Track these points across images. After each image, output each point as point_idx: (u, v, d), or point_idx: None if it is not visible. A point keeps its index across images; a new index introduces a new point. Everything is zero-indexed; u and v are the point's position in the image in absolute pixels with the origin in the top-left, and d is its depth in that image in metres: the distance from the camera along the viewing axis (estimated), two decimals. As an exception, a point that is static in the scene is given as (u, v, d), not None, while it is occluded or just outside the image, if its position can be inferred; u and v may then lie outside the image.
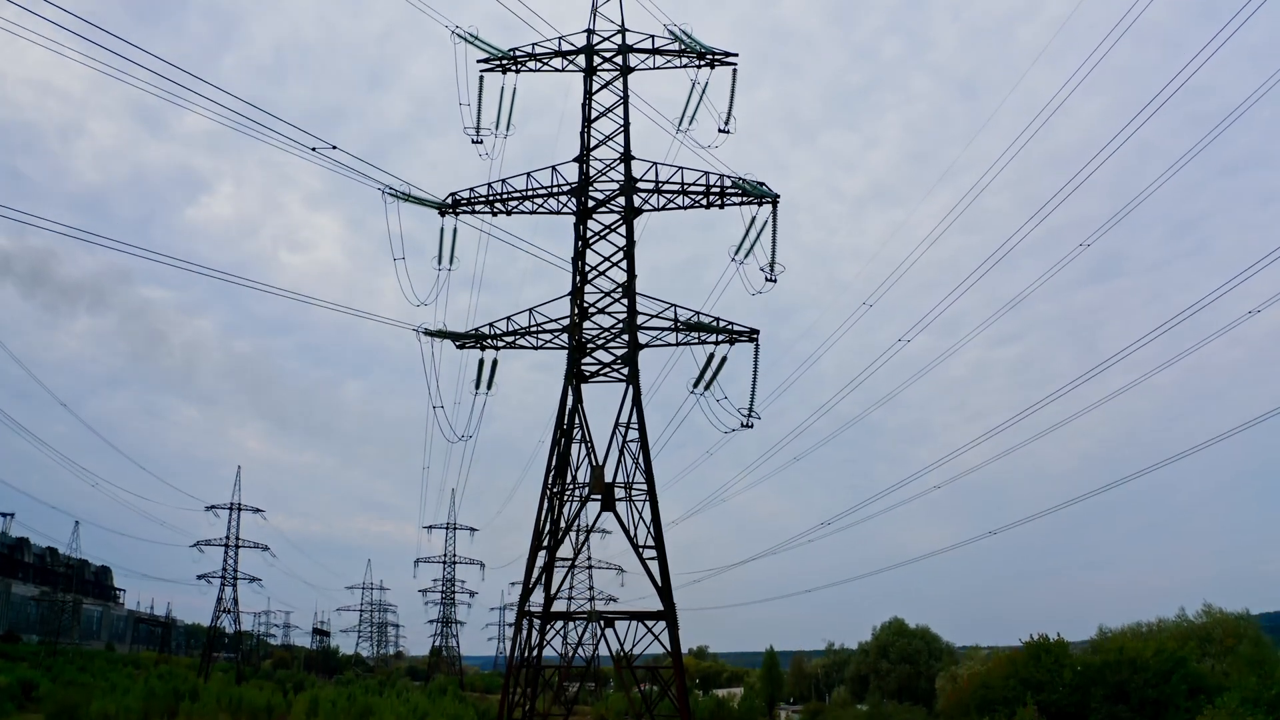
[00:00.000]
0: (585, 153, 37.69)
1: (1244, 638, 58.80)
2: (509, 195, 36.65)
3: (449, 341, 35.74)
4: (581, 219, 36.73)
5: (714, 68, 38.81)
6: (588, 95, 38.44)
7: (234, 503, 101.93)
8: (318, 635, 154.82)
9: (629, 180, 36.96)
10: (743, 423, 35.00)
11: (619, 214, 36.87)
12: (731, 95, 38.55)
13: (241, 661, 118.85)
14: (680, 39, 37.51)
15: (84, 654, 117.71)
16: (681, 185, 36.68)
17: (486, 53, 38.02)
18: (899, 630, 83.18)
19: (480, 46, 37.60)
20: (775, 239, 36.17)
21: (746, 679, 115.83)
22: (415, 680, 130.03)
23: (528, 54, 38.72)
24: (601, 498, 33.93)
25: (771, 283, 35.98)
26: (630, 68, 39.11)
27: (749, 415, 34.88)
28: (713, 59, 38.59)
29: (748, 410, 34.82)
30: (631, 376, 34.62)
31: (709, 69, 38.83)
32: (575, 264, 36.25)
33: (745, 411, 34.86)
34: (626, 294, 35.42)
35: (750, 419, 34.87)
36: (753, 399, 34.87)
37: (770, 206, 36.38)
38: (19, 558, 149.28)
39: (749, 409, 34.81)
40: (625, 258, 36.14)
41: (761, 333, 35.60)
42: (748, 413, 34.88)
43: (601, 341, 35.27)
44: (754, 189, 35.62)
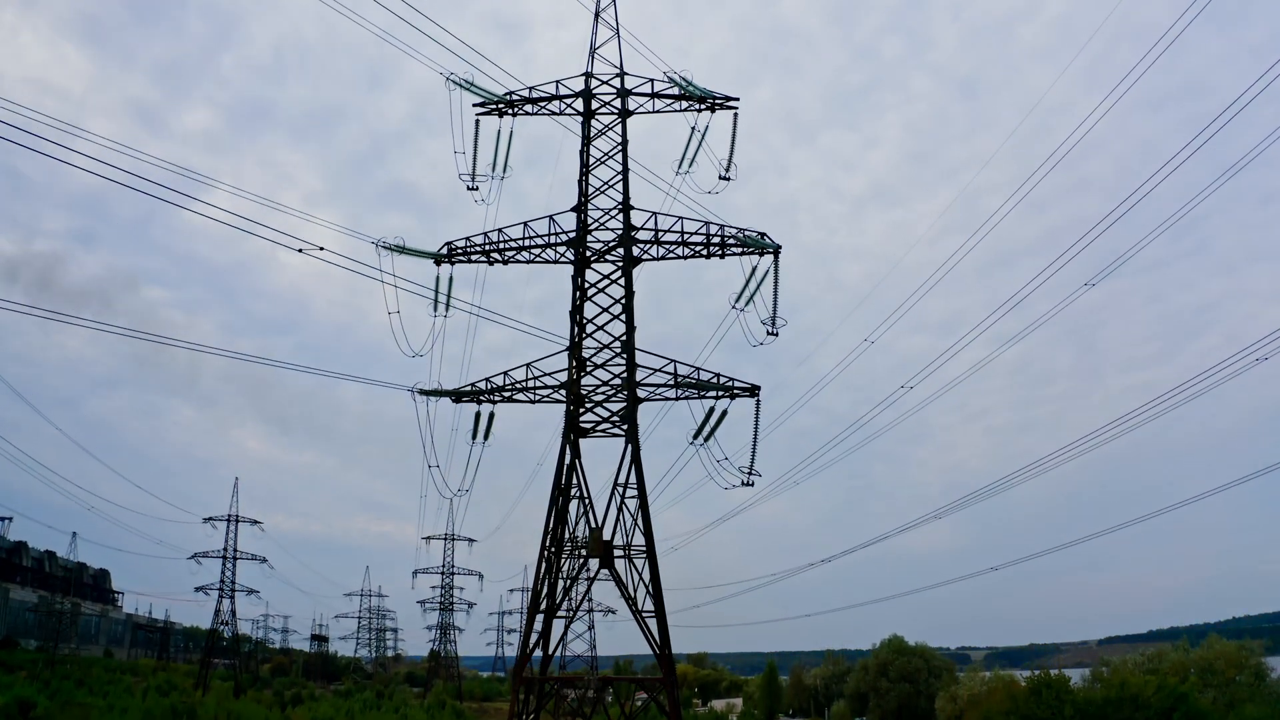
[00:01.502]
0: (583, 200, 37.01)
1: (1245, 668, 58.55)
2: (505, 245, 36.01)
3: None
4: (579, 270, 36.08)
5: (714, 111, 38.12)
6: (585, 142, 37.74)
7: (231, 514, 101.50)
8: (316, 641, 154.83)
9: (628, 231, 36.31)
10: (743, 481, 34.48)
11: (617, 264, 36.23)
12: (733, 141, 37.89)
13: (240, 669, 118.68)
14: (680, 85, 36.80)
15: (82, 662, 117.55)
16: (681, 235, 36.05)
17: (482, 97, 37.29)
18: (899, 649, 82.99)
19: (476, 92, 36.86)
20: (777, 291, 35.58)
21: (745, 688, 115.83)
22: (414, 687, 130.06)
23: (524, 98, 37.99)
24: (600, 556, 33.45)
25: (773, 336, 35.40)
26: (629, 111, 38.40)
27: (749, 473, 34.35)
28: (713, 103, 37.89)
29: (748, 469, 34.29)
30: (630, 434, 34.05)
31: (709, 113, 38.15)
32: (573, 317, 35.61)
33: (746, 470, 34.33)
34: (626, 349, 34.81)
35: (751, 478, 34.35)
36: (753, 457, 34.34)
37: (771, 257, 35.79)
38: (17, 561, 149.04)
39: (749, 468, 34.27)
40: (624, 311, 35.51)
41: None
42: (748, 471, 34.34)
43: (600, 397, 34.68)
44: (755, 241, 35.00)
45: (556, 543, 33.25)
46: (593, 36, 39.08)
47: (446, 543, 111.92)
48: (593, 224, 36.80)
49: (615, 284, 36.10)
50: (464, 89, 36.31)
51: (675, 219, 36.05)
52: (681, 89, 36.99)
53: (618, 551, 33.69)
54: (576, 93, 38.17)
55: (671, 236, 36.02)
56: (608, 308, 35.92)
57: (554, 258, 36.45)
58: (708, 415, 35.73)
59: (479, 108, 37.74)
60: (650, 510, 33.77)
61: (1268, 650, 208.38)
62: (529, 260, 36.57)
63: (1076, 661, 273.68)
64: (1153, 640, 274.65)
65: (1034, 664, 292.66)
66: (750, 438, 35.17)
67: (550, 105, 38.21)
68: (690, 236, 35.86)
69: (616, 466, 33.98)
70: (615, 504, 33.96)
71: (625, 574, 34.05)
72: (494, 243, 36.41)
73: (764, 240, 35.18)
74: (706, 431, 35.99)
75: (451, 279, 36.80)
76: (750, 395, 34.70)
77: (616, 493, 33.81)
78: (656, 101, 38.07)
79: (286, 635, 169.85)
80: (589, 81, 38.26)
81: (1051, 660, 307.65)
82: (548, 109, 38.30)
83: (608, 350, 35.57)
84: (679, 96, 37.70)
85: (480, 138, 37.83)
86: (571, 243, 36.11)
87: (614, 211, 36.97)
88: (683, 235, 36.00)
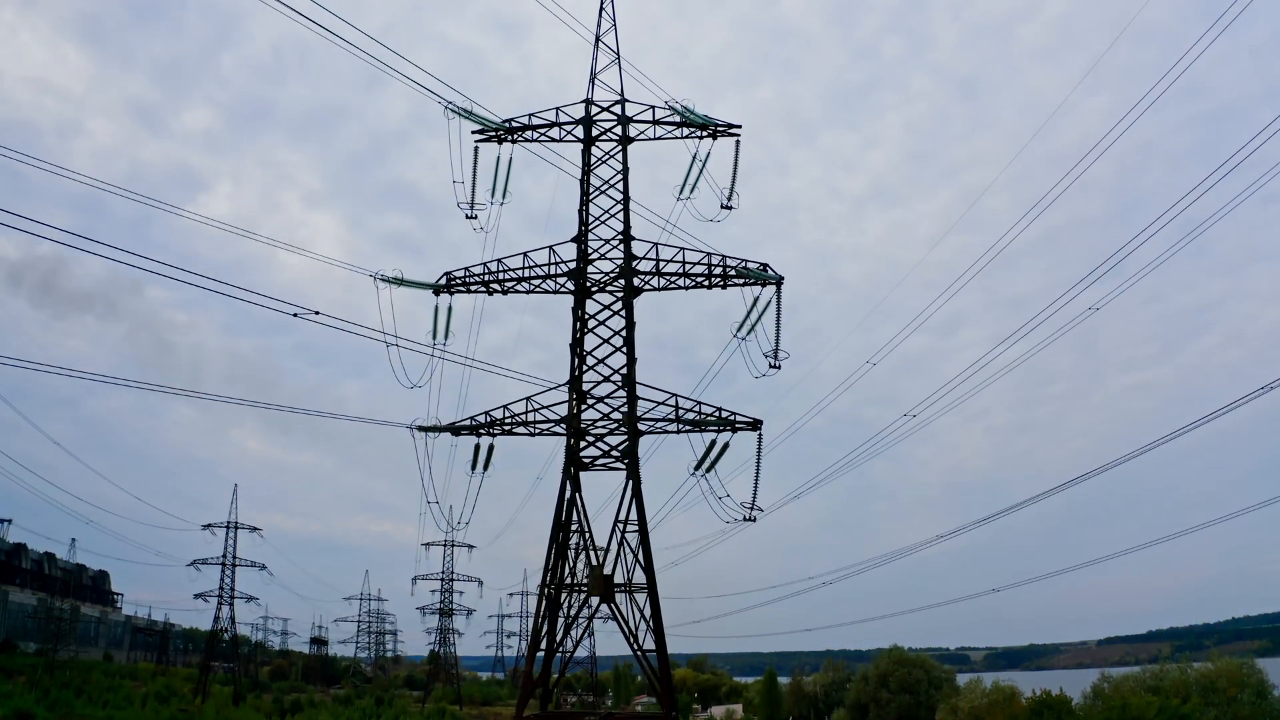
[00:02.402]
0: (584, 230, 36.61)
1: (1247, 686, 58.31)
2: (505, 276, 35.61)
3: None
4: (579, 302, 35.69)
5: (716, 138, 37.67)
6: (586, 170, 37.31)
7: (231, 521, 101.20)
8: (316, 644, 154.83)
9: (628, 262, 35.91)
10: (745, 516, 34.15)
11: (618, 295, 35.83)
12: (735, 168, 37.42)
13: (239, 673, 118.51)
14: (681, 114, 36.37)
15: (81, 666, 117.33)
16: (683, 266, 35.65)
17: (481, 124, 36.83)
18: (899, 659, 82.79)
19: (475, 119, 36.41)
20: (779, 322, 35.20)
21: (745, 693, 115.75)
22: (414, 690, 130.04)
23: (524, 124, 37.55)
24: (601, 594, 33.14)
25: (775, 369, 35.04)
26: (630, 138, 37.97)
27: (751, 509, 34.03)
28: (715, 130, 37.44)
29: (750, 504, 33.96)
30: (631, 469, 33.71)
31: (711, 140, 37.70)
32: (573, 349, 35.24)
33: (748, 505, 34.00)
34: (626, 383, 34.44)
35: (753, 514, 34.03)
36: (755, 492, 34.01)
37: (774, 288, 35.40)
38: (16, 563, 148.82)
39: (751, 503, 33.95)
40: (625, 343, 35.13)
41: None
42: (750, 506, 34.02)
43: (601, 431, 34.33)
44: (757, 274, 34.61)
45: (557, 582, 32.93)
46: (593, 63, 38.66)
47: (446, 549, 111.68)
48: (593, 254, 36.41)
49: (616, 315, 35.71)
50: (462, 117, 35.86)
51: (676, 249, 35.67)
52: (683, 117, 36.55)
53: (618, 586, 33.39)
54: (577, 120, 37.73)
55: (673, 267, 35.62)
56: (608, 339, 35.54)
57: (554, 288, 36.05)
58: (709, 447, 35.41)
59: (477, 134, 37.30)
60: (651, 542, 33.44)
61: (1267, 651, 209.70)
62: (528, 291, 36.19)
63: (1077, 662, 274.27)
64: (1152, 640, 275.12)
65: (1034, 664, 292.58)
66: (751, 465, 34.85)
67: (550, 132, 37.78)
68: (691, 268, 35.47)
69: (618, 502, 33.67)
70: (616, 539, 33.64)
71: (626, 608, 33.79)
72: (493, 273, 36.02)
73: (766, 273, 34.79)
74: (708, 463, 35.67)
75: (450, 309, 36.47)
76: (752, 429, 34.34)
77: (617, 529, 33.48)
78: (657, 128, 37.66)
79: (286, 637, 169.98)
80: (589, 108, 37.82)
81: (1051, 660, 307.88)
82: (547, 136, 37.86)
83: (608, 383, 35.21)
84: (680, 124, 37.27)
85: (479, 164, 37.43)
86: (572, 274, 35.71)
87: (614, 240, 36.59)
88: (684, 266, 35.61)
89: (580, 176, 37.27)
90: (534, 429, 34.97)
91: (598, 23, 38.69)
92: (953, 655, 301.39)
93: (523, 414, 35.06)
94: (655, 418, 34.31)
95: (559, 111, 37.63)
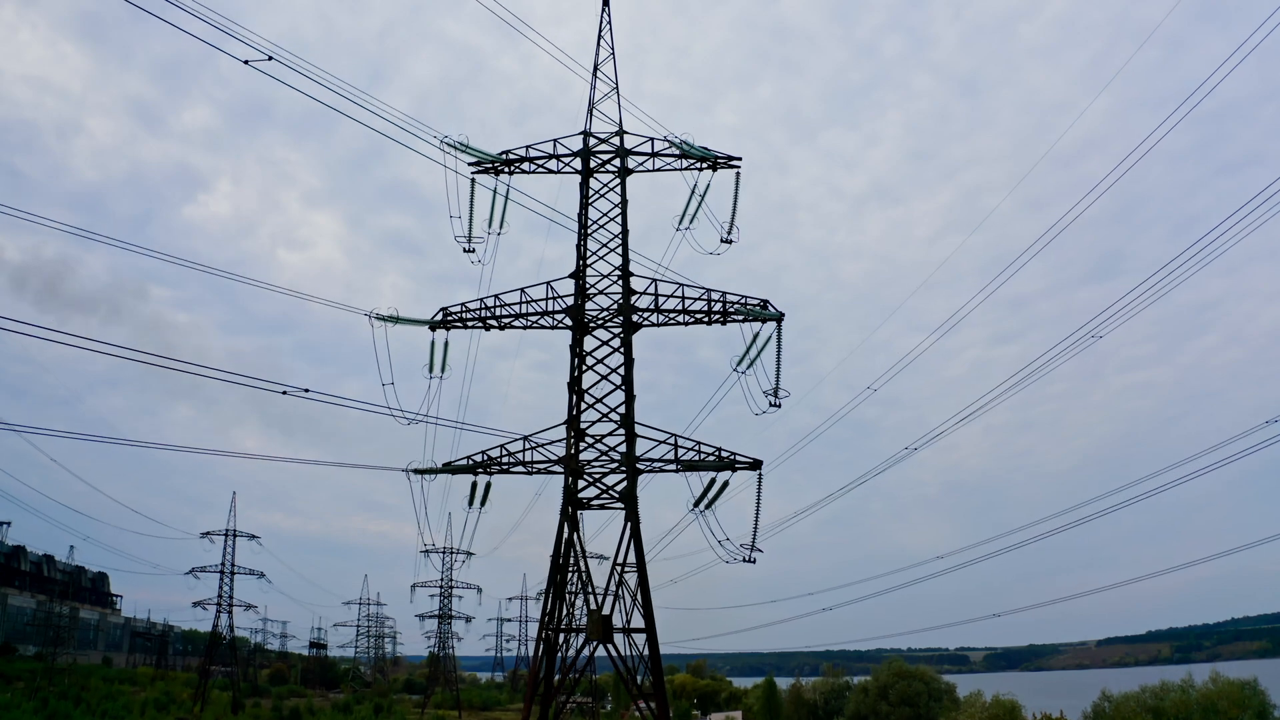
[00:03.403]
0: (581, 265, 36.13)
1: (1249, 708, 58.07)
2: (502, 314, 35.15)
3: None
4: (578, 339, 35.24)
5: (716, 170, 37.18)
6: (584, 204, 36.81)
7: (229, 529, 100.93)
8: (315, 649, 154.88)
9: (626, 298, 35.44)
10: (744, 558, 33.77)
11: (616, 333, 35.38)
12: (735, 201, 36.94)
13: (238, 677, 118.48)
14: (681, 148, 35.86)
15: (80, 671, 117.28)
16: (682, 302, 35.19)
17: (477, 158, 36.33)
18: (899, 671, 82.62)
19: (471, 153, 35.90)
20: (779, 360, 34.76)
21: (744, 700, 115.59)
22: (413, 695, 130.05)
23: (521, 157, 37.04)
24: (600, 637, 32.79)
25: (775, 407, 34.63)
26: (629, 170, 37.47)
27: (751, 550, 33.64)
28: (715, 161, 36.95)
29: (750, 545, 33.57)
30: (630, 514, 33.30)
31: (711, 171, 37.21)
32: (571, 388, 34.79)
33: (748, 546, 33.61)
34: (625, 423, 34.01)
35: (753, 555, 33.63)
36: (755, 533, 33.62)
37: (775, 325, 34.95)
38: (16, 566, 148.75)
39: (751, 544, 33.56)
40: (624, 382, 34.68)
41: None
42: (750, 547, 33.63)
43: (600, 471, 33.92)
44: (757, 313, 34.16)
45: (555, 627, 32.56)
46: (591, 93, 38.15)
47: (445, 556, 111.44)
48: (591, 288, 35.94)
49: (615, 352, 35.25)
50: (458, 151, 35.36)
51: (676, 285, 35.21)
52: (682, 150, 36.06)
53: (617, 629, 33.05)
54: (575, 152, 37.23)
55: (672, 303, 35.18)
56: (606, 376, 35.10)
57: (551, 324, 35.61)
58: (709, 485, 35.01)
59: (474, 167, 36.81)
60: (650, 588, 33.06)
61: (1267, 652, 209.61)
62: (525, 327, 35.74)
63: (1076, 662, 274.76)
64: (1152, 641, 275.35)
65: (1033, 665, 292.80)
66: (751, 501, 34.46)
67: (548, 164, 37.28)
68: (691, 304, 35.02)
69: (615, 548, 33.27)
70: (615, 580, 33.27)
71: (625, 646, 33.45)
72: (489, 308, 35.57)
73: (766, 311, 34.33)
74: (707, 501, 35.28)
75: (447, 344, 36.03)
76: (752, 469, 33.94)
77: (616, 570, 33.11)
78: (657, 160, 37.16)
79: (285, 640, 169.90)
80: (587, 140, 37.31)
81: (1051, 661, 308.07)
82: (544, 168, 37.37)
83: (607, 420, 34.78)
84: (680, 155, 36.78)
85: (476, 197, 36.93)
86: (569, 310, 35.25)
87: (613, 274, 36.12)
88: (683, 302, 35.16)
89: (578, 210, 36.78)
90: (531, 468, 34.56)
91: (595, 52, 38.19)
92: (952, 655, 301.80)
93: (519, 452, 34.65)
94: (654, 458, 33.89)
95: (556, 144, 37.13)
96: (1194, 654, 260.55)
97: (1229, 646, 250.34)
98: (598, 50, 38.36)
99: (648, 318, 35.30)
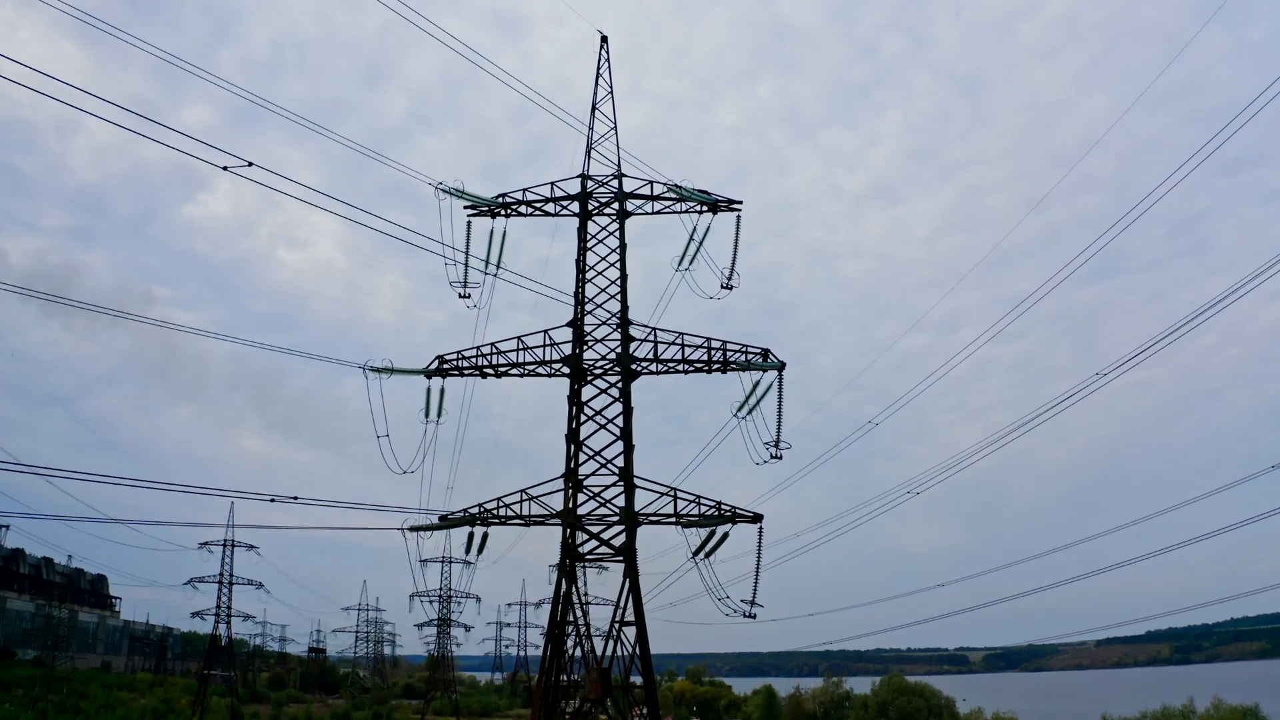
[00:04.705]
0: (580, 312, 35.53)
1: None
2: (498, 363, 34.57)
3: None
4: (576, 389, 34.68)
5: (717, 213, 36.55)
6: (582, 249, 36.18)
7: (228, 539, 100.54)
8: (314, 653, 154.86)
9: (625, 346, 34.86)
10: (744, 613, 33.29)
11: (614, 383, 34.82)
12: (735, 245, 36.31)
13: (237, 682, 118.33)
14: (680, 193, 35.23)
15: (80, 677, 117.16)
16: (681, 350, 34.62)
17: (473, 202, 35.69)
18: (899, 688, 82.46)
19: (467, 198, 35.26)
20: (781, 411, 34.21)
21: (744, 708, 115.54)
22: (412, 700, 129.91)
23: (518, 200, 36.40)
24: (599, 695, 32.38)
25: (776, 459, 34.10)
26: (628, 213, 36.85)
27: (751, 606, 33.16)
28: (716, 204, 36.31)
29: (750, 601, 33.08)
30: (630, 569, 32.81)
31: (711, 214, 36.58)
32: (569, 440, 34.24)
33: (748, 603, 33.13)
34: (624, 477, 33.47)
35: (753, 610, 33.16)
36: (755, 588, 33.13)
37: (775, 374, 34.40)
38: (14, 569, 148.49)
39: (751, 600, 33.08)
40: (623, 434, 34.13)
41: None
42: (750, 603, 33.15)
43: (598, 529, 33.43)
44: (757, 364, 33.60)
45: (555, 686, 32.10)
46: (589, 133, 37.48)
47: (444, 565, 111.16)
48: (589, 336, 35.36)
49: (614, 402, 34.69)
50: (453, 196, 34.72)
51: (675, 334, 34.62)
52: (681, 195, 35.43)
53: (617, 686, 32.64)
54: (573, 195, 36.58)
55: (672, 351, 34.62)
56: (605, 426, 34.56)
57: (548, 373, 35.06)
58: (709, 535, 34.50)
59: (470, 210, 36.17)
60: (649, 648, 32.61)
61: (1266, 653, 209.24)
62: (521, 375, 35.19)
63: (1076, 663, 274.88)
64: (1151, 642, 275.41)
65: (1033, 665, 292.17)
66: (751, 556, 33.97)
67: (545, 207, 36.65)
68: (691, 353, 34.45)
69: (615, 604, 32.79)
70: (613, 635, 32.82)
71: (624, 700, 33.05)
72: (485, 356, 35.00)
73: (767, 361, 33.77)
74: (706, 551, 34.78)
75: (443, 390, 35.48)
76: (752, 522, 33.43)
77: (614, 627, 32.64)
78: (656, 203, 36.53)
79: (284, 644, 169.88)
80: (585, 183, 36.66)
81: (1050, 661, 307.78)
82: (543, 210, 36.74)
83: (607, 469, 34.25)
84: (679, 199, 36.15)
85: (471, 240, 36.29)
86: (567, 360, 34.68)
87: (611, 320, 35.53)
88: (683, 350, 34.59)
89: (576, 255, 36.16)
90: (528, 520, 34.05)
91: (594, 92, 37.52)
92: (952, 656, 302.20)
93: (516, 504, 34.14)
94: (651, 512, 33.38)
95: (554, 186, 36.47)
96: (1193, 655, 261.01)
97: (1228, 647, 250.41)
98: (595, 89, 37.70)
99: (647, 367, 34.74)
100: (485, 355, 34.84)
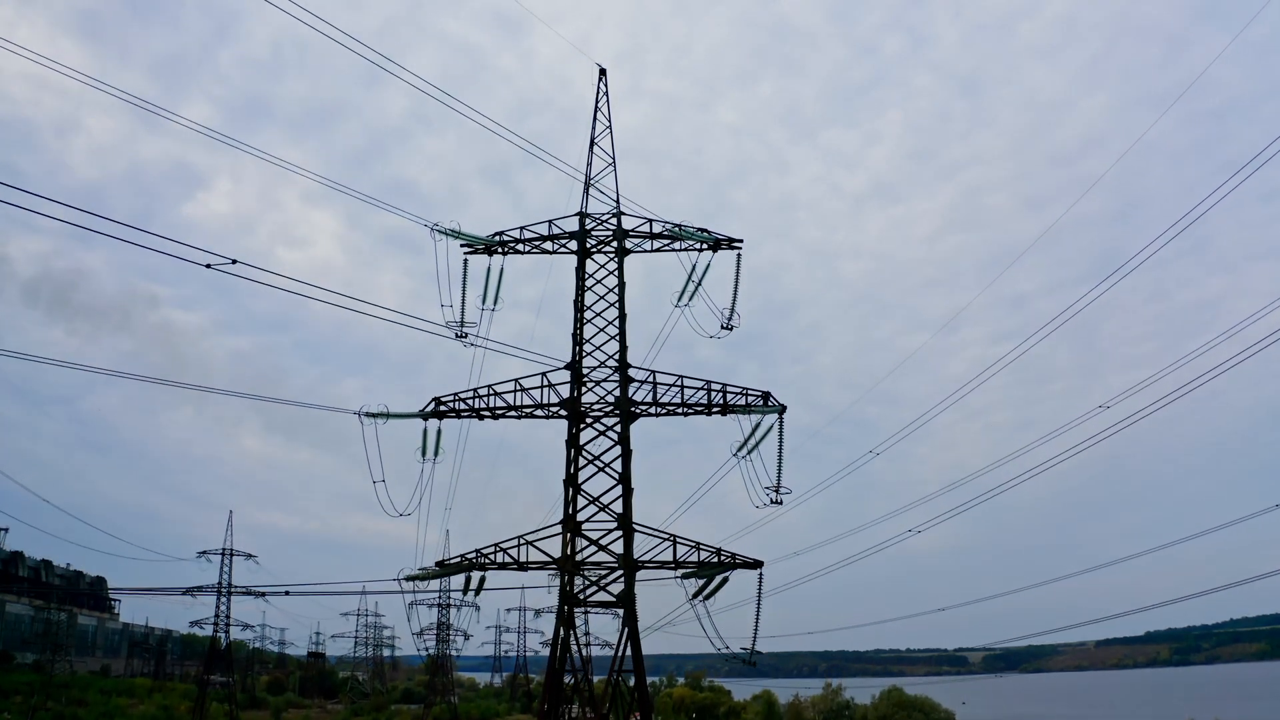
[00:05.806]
0: (578, 354, 35.09)
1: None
2: (495, 406, 34.14)
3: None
4: (574, 433, 34.25)
5: (717, 251, 36.08)
6: (580, 289, 35.71)
7: (226, 548, 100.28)
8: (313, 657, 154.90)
9: (624, 389, 34.42)
10: (744, 659, 32.96)
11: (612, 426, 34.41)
12: (736, 284, 35.87)
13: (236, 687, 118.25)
14: (678, 234, 34.77)
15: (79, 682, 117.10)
16: (681, 393, 34.18)
17: (469, 241, 35.22)
18: (899, 702, 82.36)
19: (463, 238, 34.79)
20: (781, 454, 33.80)
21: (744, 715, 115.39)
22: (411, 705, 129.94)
23: (515, 239, 35.93)
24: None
25: (777, 504, 33.72)
26: (626, 250, 36.38)
27: (750, 653, 32.83)
28: (716, 243, 35.84)
29: (749, 650, 32.75)
30: (628, 617, 32.46)
31: (712, 252, 36.11)
32: (567, 485, 33.84)
33: (746, 650, 32.80)
34: (622, 524, 33.09)
35: (752, 656, 32.83)
36: (755, 634, 32.80)
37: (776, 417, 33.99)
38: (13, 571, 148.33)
39: (751, 648, 32.74)
40: (621, 477, 33.73)
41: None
42: (749, 650, 32.82)
43: (597, 575, 33.07)
44: (758, 408, 33.18)
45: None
46: (587, 168, 36.99)
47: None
48: (587, 378, 34.93)
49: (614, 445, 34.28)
50: (449, 237, 34.24)
51: (675, 377, 34.19)
52: (680, 235, 34.96)
53: None
54: (570, 233, 36.11)
55: (671, 394, 34.20)
56: (603, 469, 34.16)
57: (546, 415, 34.65)
58: (709, 579, 34.16)
59: (466, 249, 35.70)
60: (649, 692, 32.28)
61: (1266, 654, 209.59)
62: (519, 416, 34.77)
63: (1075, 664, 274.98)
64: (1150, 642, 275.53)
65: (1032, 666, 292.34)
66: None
67: (543, 245, 36.19)
68: (690, 396, 34.03)
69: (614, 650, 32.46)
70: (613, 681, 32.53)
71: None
72: (483, 397, 34.58)
73: (768, 405, 33.35)
74: (704, 595, 34.44)
75: (440, 431, 35.08)
76: (753, 568, 33.07)
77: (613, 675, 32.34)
78: (656, 241, 36.06)
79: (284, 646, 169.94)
80: (584, 221, 36.18)
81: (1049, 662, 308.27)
82: (540, 248, 36.28)
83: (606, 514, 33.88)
84: (678, 236, 35.68)
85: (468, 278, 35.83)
86: (565, 403, 34.26)
87: (610, 361, 35.11)
88: (683, 393, 34.17)
89: (575, 295, 35.69)
90: (525, 565, 33.70)
91: (592, 126, 37.01)
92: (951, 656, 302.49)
93: (513, 549, 33.77)
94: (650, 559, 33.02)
95: (551, 224, 36.00)
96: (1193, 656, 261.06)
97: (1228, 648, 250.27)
98: (594, 123, 37.20)
99: (646, 409, 34.32)
100: (482, 397, 34.43)
